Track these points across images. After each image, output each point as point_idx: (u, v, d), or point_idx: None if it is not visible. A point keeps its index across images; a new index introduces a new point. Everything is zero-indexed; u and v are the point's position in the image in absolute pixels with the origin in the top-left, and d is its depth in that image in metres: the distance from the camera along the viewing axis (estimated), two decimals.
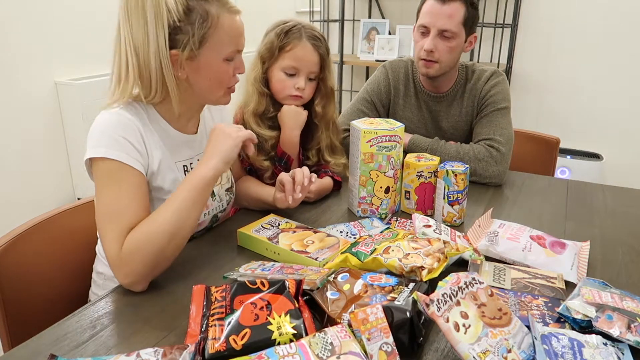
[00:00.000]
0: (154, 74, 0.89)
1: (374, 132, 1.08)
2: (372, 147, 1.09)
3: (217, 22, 0.89)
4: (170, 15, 0.85)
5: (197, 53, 0.89)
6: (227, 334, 0.66)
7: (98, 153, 0.86)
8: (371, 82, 1.58)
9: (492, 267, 0.90)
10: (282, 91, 1.23)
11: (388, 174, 1.11)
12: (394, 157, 1.10)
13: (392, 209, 1.16)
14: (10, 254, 0.95)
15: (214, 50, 0.91)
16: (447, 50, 1.38)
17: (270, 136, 1.25)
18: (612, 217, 1.18)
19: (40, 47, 2.27)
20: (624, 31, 2.67)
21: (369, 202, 1.14)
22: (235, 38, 0.93)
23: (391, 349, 0.63)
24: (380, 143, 1.09)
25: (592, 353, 0.65)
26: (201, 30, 0.88)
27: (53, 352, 0.66)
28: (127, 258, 0.81)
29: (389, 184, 1.12)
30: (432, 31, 1.37)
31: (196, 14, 0.87)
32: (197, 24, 0.87)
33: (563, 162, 2.79)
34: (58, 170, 2.43)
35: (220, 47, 0.91)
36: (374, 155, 1.09)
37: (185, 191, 0.86)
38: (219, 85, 0.96)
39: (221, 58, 0.92)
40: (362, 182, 1.12)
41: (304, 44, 1.20)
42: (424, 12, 1.39)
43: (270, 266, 0.87)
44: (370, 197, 1.13)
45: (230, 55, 0.93)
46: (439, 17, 1.35)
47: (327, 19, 3.41)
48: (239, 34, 0.93)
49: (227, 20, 0.90)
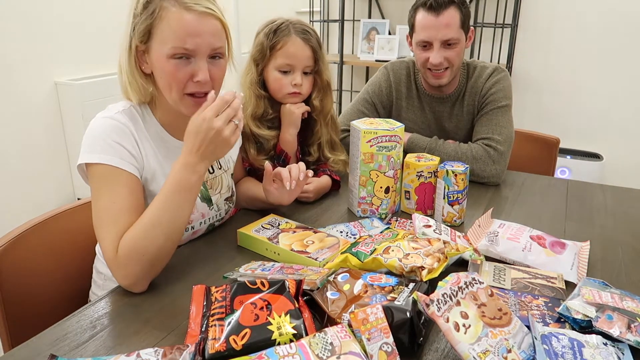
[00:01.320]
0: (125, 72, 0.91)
1: (374, 132, 1.08)
2: (372, 147, 1.09)
3: (162, 14, 0.86)
4: (137, 6, 0.88)
5: (149, 46, 0.89)
6: (227, 334, 0.66)
7: (93, 159, 0.86)
8: (372, 83, 1.57)
9: (492, 267, 0.90)
10: (280, 90, 1.23)
11: (388, 174, 1.11)
12: (394, 157, 1.10)
13: (392, 209, 1.16)
14: (10, 254, 0.95)
15: (159, 45, 0.88)
16: (455, 56, 1.38)
17: (271, 136, 1.25)
18: (612, 217, 1.18)
19: (40, 47, 2.27)
20: (623, 31, 2.67)
21: (369, 202, 1.14)
22: (180, 35, 0.86)
23: (391, 349, 0.63)
24: (380, 143, 1.09)
25: (592, 353, 0.65)
26: (147, 21, 0.87)
27: (53, 352, 0.66)
28: (123, 260, 0.81)
29: (389, 184, 1.12)
30: (435, 44, 1.35)
31: (152, 5, 0.87)
32: (146, 15, 0.87)
33: (563, 162, 2.79)
34: (58, 170, 2.44)
35: (164, 41, 0.87)
36: (374, 156, 1.10)
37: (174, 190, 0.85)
38: (170, 86, 0.90)
39: (166, 54, 0.87)
40: (362, 182, 1.12)
41: (294, 40, 1.20)
42: (420, 27, 1.37)
43: (270, 266, 0.87)
44: (370, 197, 1.13)
45: (175, 53, 0.87)
46: (438, 30, 1.34)
47: (327, 19, 3.41)
48: (186, 32, 0.86)
49: (175, 15, 0.86)
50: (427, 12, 1.34)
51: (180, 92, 0.90)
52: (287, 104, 1.25)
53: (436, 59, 1.36)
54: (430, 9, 1.34)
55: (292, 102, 1.25)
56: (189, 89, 0.90)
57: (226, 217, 1.13)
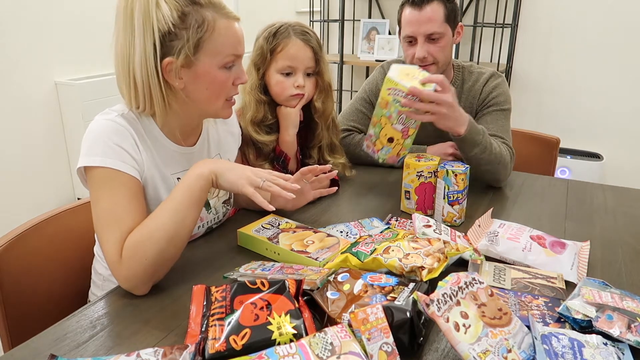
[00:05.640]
0: (139, 83, 0.87)
1: (394, 84, 1.05)
2: (389, 96, 1.07)
3: (213, 26, 0.87)
4: (164, 22, 0.83)
5: (194, 60, 0.87)
6: (227, 334, 0.66)
7: (93, 162, 0.85)
8: (369, 82, 1.58)
9: (492, 267, 0.90)
10: (282, 93, 1.23)
11: (395, 126, 1.09)
12: (406, 115, 1.08)
13: (394, 159, 1.15)
14: (10, 254, 0.95)
15: (210, 57, 0.88)
16: (439, 50, 1.38)
17: (270, 141, 1.25)
18: (612, 217, 1.18)
19: (40, 47, 2.27)
20: (623, 31, 2.67)
21: (373, 141, 1.14)
22: (233, 44, 0.90)
23: (391, 349, 0.63)
24: (397, 96, 1.06)
25: (592, 353, 0.65)
26: (197, 35, 0.85)
27: (53, 352, 0.66)
28: (126, 262, 0.81)
29: (393, 135, 1.11)
30: (419, 39, 1.36)
31: (191, 18, 0.85)
32: (192, 29, 0.85)
33: (563, 162, 2.79)
34: (58, 170, 2.44)
35: (217, 52, 0.88)
36: (388, 104, 1.08)
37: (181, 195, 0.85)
38: (218, 95, 0.93)
39: (218, 65, 0.89)
40: (374, 123, 1.13)
41: (294, 41, 1.20)
42: (405, 23, 1.38)
43: (270, 266, 0.87)
44: (375, 138, 1.13)
45: (228, 62, 0.91)
46: (421, 24, 1.34)
47: (327, 19, 3.41)
48: (237, 40, 0.91)
49: (223, 25, 0.88)
50: (411, 8, 1.35)
51: (224, 99, 0.94)
52: (281, 106, 1.25)
53: (420, 52, 1.36)
54: (413, 4, 1.35)
55: (294, 105, 1.25)
56: (231, 93, 0.95)
57: (224, 219, 1.13)
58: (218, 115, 0.98)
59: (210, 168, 0.88)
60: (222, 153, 1.12)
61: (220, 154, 1.11)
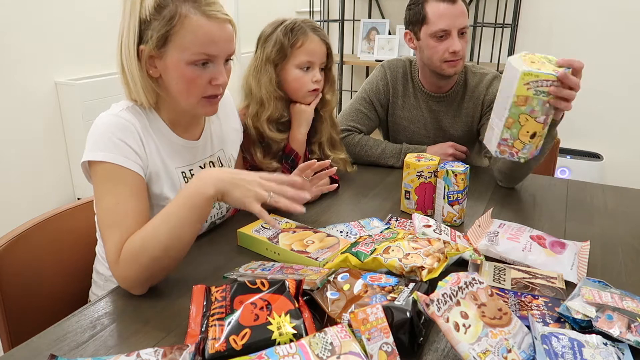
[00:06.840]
0: (127, 70, 0.89)
1: (535, 75, 0.99)
2: (529, 91, 1.00)
3: (183, 21, 0.85)
4: (144, 9, 0.85)
5: (163, 52, 0.87)
6: (227, 334, 0.66)
7: (97, 157, 0.85)
8: (369, 81, 1.57)
9: (492, 267, 0.90)
10: (300, 89, 1.24)
11: (539, 119, 1.02)
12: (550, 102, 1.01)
13: (533, 153, 1.08)
14: (10, 254, 0.95)
15: (178, 51, 0.87)
16: (465, 45, 1.41)
17: (282, 138, 1.25)
18: (612, 217, 1.18)
19: (40, 47, 2.27)
20: (623, 31, 2.67)
21: (510, 144, 1.06)
22: (203, 42, 0.87)
23: (391, 349, 0.63)
24: (539, 87, 1.00)
25: (592, 353, 0.65)
26: (165, 28, 0.85)
27: (53, 352, 0.66)
28: (122, 264, 0.81)
29: (536, 129, 1.04)
30: (454, 32, 1.36)
31: (166, 10, 0.85)
32: (162, 21, 0.85)
33: (563, 162, 2.79)
34: (58, 170, 2.43)
35: (184, 48, 0.86)
36: (529, 99, 1.00)
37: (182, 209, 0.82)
38: (188, 91, 0.90)
39: (186, 61, 0.87)
40: (508, 125, 1.04)
41: (312, 37, 1.21)
42: (437, 17, 1.36)
43: (270, 266, 0.87)
44: (513, 140, 1.05)
45: (197, 60, 0.88)
46: (456, 17, 1.35)
47: (327, 19, 3.41)
48: (209, 39, 0.87)
49: (196, 22, 0.86)
50: (445, 2, 1.36)
51: (198, 96, 0.92)
52: (297, 103, 1.25)
53: (458, 45, 1.36)
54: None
55: (309, 102, 1.25)
56: (207, 92, 0.92)
57: (227, 214, 1.13)
58: (196, 111, 0.96)
59: (217, 187, 0.83)
60: (225, 149, 1.12)
61: (223, 149, 1.12)
